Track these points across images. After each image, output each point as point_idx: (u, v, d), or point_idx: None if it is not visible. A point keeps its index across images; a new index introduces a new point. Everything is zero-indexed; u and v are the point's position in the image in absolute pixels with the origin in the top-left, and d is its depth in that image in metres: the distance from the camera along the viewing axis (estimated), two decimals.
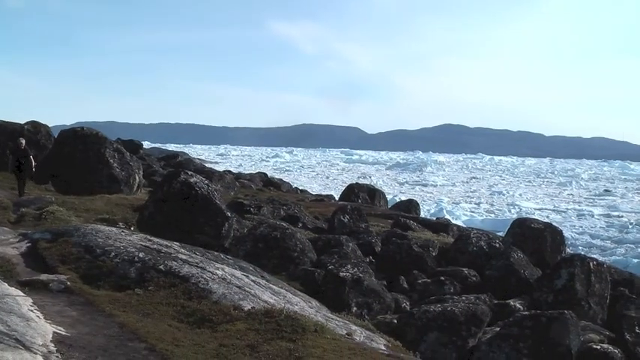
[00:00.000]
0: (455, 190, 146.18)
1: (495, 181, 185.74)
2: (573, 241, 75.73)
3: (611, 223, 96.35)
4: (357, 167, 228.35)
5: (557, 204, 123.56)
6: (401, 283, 19.44)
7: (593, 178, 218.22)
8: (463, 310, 15.34)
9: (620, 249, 74.64)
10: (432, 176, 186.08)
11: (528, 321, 14.76)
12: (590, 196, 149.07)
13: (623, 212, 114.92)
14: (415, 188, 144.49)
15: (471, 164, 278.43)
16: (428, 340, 14.92)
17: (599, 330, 16.46)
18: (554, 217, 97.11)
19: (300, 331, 10.61)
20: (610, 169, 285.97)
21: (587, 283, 18.16)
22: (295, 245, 19.37)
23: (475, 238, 22.03)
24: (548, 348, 14.23)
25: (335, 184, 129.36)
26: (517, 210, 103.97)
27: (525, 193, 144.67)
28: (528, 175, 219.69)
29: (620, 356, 14.43)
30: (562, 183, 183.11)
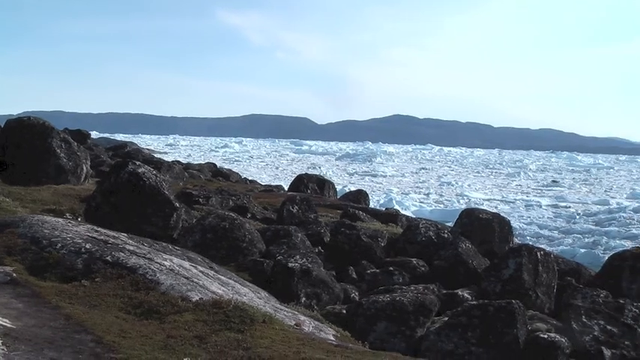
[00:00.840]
0: (404, 181, 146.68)
1: (444, 171, 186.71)
2: (521, 232, 76.42)
3: (559, 214, 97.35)
4: (307, 158, 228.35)
5: (505, 194, 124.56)
6: (350, 273, 19.47)
7: (541, 169, 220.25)
8: (412, 300, 15.42)
9: (568, 239, 75.47)
10: (382, 167, 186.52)
11: (476, 310, 14.87)
12: (538, 186, 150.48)
13: (571, 203, 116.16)
14: (365, 179, 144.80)
15: (421, 155, 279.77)
16: (377, 330, 14.97)
17: (546, 319, 16.61)
18: (502, 208, 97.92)
19: (249, 322, 10.60)
20: (558, 161, 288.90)
21: (535, 272, 18.33)
22: (244, 236, 19.31)
23: (424, 228, 22.12)
24: (495, 337, 14.35)
25: (284, 175, 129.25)
26: (466, 200, 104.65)
27: (474, 184, 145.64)
28: (477, 166, 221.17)
29: (566, 345, 14.57)
30: (510, 174, 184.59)
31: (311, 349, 9.85)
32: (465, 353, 14.23)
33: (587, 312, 15.89)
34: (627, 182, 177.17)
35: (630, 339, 15.48)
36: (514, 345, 14.27)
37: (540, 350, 14.28)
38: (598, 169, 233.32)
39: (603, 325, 15.64)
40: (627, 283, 19.93)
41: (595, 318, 15.77)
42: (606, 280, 20.35)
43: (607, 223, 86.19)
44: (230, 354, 9.14)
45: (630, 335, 15.58)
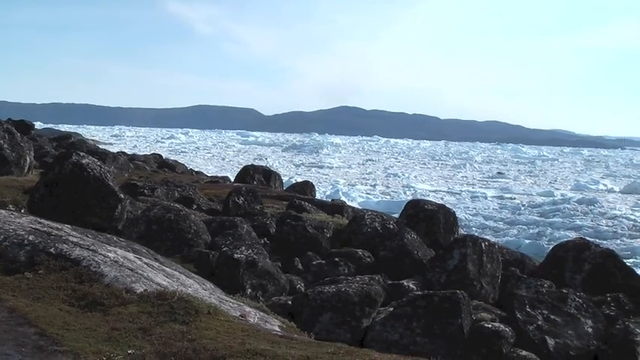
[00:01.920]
0: (351, 172, 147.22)
1: (391, 163, 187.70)
2: (467, 223, 77.11)
3: (504, 205, 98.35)
4: (253, 149, 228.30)
5: (451, 186, 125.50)
6: (295, 264, 19.48)
7: (486, 160, 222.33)
8: (357, 291, 15.45)
9: (513, 230, 76.30)
10: (328, 158, 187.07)
11: (421, 301, 14.95)
12: (483, 178, 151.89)
13: (516, 194, 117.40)
14: (311, 170, 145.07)
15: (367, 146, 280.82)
16: (322, 321, 14.99)
17: (490, 309, 16.75)
18: (448, 199, 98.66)
19: (194, 314, 10.58)
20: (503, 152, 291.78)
21: (479, 263, 18.47)
22: (189, 227, 19.21)
23: (369, 219, 22.17)
24: (440, 327, 14.45)
25: (231, 166, 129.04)
26: (412, 192, 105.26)
27: (420, 175, 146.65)
28: (423, 158, 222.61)
29: (510, 334, 14.71)
30: (456, 165, 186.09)
31: (256, 340, 9.85)
32: (410, 343, 14.30)
33: (531, 302, 16.05)
34: (571, 174, 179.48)
35: (573, 328, 15.66)
36: (459, 335, 14.38)
37: (484, 340, 14.41)
38: (543, 161, 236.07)
39: (547, 314, 15.81)
40: (570, 273, 20.16)
41: (539, 308, 15.93)
42: (550, 270, 20.56)
43: (551, 214, 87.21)
44: (175, 346, 9.09)
45: (573, 325, 15.76)
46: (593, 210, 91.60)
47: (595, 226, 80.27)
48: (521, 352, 14.40)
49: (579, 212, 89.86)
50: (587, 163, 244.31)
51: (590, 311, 16.33)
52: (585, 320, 16.00)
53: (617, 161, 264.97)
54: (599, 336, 15.71)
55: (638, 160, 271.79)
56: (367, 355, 9.21)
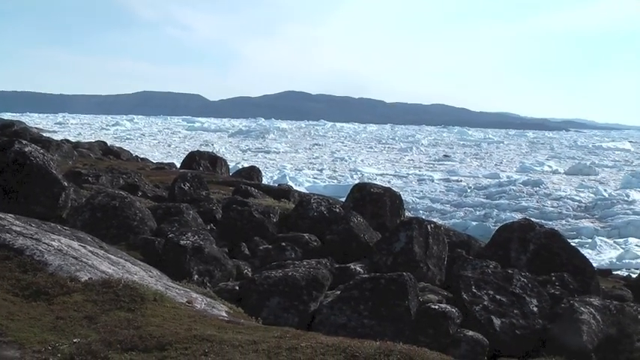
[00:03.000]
0: (297, 157, 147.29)
1: (337, 147, 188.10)
2: (414, 206, 77.59)
3: (451, 188, 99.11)
4: (200, 135, 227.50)
5: (398, 169, 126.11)
6: (242, 249, 19.44)
7: (432, 143, 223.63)
8: (304, 275, 15.46)
9: (460, 212, 76.98)
10: (275, 143, 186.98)
11: (368, 283, 15.00)
12: (430, 161, 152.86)
13: (462, 177, 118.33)
14: (258, 155, 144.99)
15: (314, 131, 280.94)
16: (270, 306, 14.97)
17: (437, 290, 16.83)
18: (395, 182, 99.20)
19: (139, 301, 10.52)
20: (449, 135, 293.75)
21: (425, 245, 18.56)
22: (135, 214, 19.08)
23: (315, 203, 22.17)
24: (387, 309, 14.51)
25: (177, 152, 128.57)
26: (359, 175, 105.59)
27: (367, 159, 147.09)
28: (370, 142, 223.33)
29: (457, 315, 14.81)
30: (403, 149, 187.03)
31: (202, 326, 9.82)
32: (358, 326, 14.34)
33: (477, 282, 16.17)
34: (517, 156, 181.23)
35: (519, 308, 15.80)
36: (406, 316, 14.45)
37: (431, 321, 14.49)
38: (488, 144, 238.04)
39: (492, 294, 15.94)
40: (516, 254, 20.36)
41: (484, 288, 16.06)
42: (495, 251, 20.75)
43: (497, 196, 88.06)
44: (120, 333, 9.04)
45: (519, 304, 15.91)
46: (538, 191, 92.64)
47: (540, 207, 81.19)
48: (468, 332, 14.50)
49: (525, 194, 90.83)
50: (532, 145, 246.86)
51: (535, 291, 16.49)
52: (530, 300, 16.15)
53: (562, 143, 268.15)
54: (544, 315, 15.88)
55: (582, 142, 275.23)
56: (314, 339, 9.21)
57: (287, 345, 8.85)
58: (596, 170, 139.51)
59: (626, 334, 15.78)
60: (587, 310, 15.56)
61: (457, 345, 14.17)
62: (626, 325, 15.95)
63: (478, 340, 14.27)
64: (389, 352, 8.48)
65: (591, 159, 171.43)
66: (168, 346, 8.69)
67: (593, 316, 15.45)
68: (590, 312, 15.52)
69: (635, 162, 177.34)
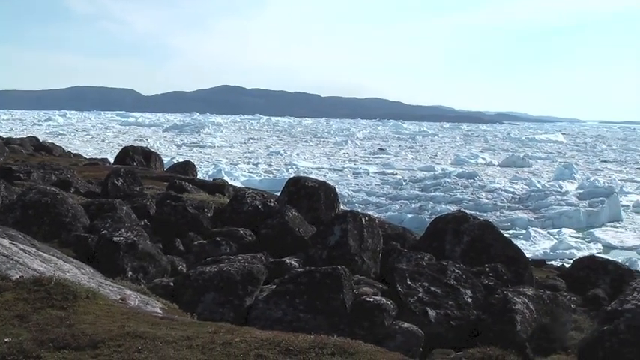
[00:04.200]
0: (233, 152, 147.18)
1: (273, 141, 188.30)
2: (350, 199, 77.92)
3: (386, 181, 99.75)
4: (134, 130, 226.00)
5: (333, 163, 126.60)
6: (177, 245, 19.34)
7: (368, 137, 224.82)
8: (239, 270, 15.41)
9: (395, 205, 77.47)
10: (210, 138, 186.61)
11: (303, 277, 14.99)
12: (365, 154, 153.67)
13: (397, 170, 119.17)
14: (193, 150, 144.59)
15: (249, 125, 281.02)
16: (205, 301, 14.91)
17: (372, 283, 16.87)
18: (331, 176, 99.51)
19: (72, 298, 10.38)
20: (384, 129, 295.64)
21: (360, 238, 18.59)
22: (67, 211, 18.88)
23: (250, 198, 22.11)
24: (323, 302, 14.52)
25: (111, 148, 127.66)
26: (295, 170, 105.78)
27: (302, 153, 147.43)
28: (305, 136, 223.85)
29: (392, 307, 14.86)
30: (338, 142, 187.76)
31: (136, 323, 9.73)
32: (294, 320, 14.33)
33: (412, 274, 16.25)
34: (451, 149, 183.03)
35: (454, 299, 15.91)
36: (341, 309, 14.47)
37: (367, 313, 14.53)
38: (423, 137, 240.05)
39: (427, 286, 16.02)
40: (450, 246, 20.49)
41: (419, 280, 16.14)
42: (430, 243, 20.86)
43: (432, 189, 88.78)
44: (53, 332, 8.92)
45: (453, 295, 16.02)
46: (473, 183, 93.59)
47: (475, 199, 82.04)
48: (404, 324, 14.56)
49: (460, 186, 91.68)
50: (467, 138, 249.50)
51: (469, 282, 16.61)
52: (465, 290, 16.27)
53: (496, 136, 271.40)
54: (478, 305, 16.01)
55: (515, 135, 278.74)
56: (248, 333, 9.19)
57: (221, 340, 8.81)
58: (530, 162, 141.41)
59: (559, 322, 15.98)
60: (521, 300, 15.71)
61: (393, 337, 14.23)
62: (559, 314, 16.15)
63: (413, 332, 14.34)
64: (323, 345, 8.49)
65: (525, 151, 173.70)
66: (101, 343, 8.60)
67: (526, 305, 15.60)
68: (523, 302, 15.66)
69: (568, 154, 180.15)
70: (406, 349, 13.71)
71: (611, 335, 13.31)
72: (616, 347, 13.13)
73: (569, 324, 16.44)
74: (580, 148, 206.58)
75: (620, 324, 13.36)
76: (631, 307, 13.64)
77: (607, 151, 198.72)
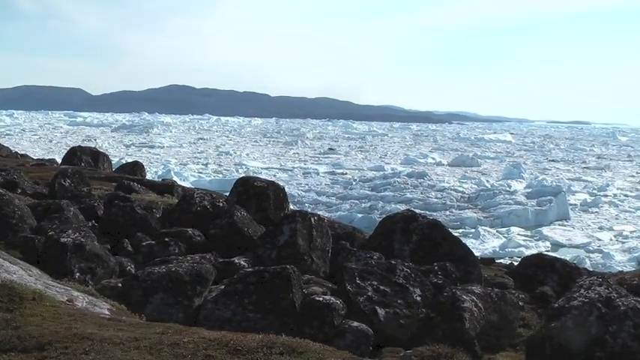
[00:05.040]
0: (182, 152, 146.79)
1: (222, 141, 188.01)
2: (300, 199, 78.04)
3: (336, 180, 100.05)
4: (82, 130, 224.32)
5: (283, 163, 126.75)
6: (125, 246, 19.20)
7: (318, 137, 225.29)
8: (188, 270, 15.35)
9: (345, 204, 77.75)
10: (159, 138, 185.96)
11: (252, 277, 14.97)
12: (315, 154, 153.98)
13: (347, 169, 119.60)
14: (142, 150, 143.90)
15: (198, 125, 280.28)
16: (154, 302, 14.82)
17: (322, 282, 16.90)
18: (281, 176, 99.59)
19: (18, 301, 10.30)
20: (334, 128, 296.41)
21: (309, 238, 18.60)
22: (13, 212, 18.67)
23: (199, 198, 22.03)
24: (272, 302, 14.50)
25: (59, 148, 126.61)
26: (244, 169, 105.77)
27: (252, 153, 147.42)
28: (255, 135, 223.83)
29: (341, 306, 14.88)
30: (288, 142, 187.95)
31: (83, 324, 9.67)
32: (243, 320, 14.30)
33: (361, 274, 16.28)
34: (401, 148, 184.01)
35: (402, 298, 15.97)
36: (290, 309, 14.47)
37: (316, 313, 14.53)
38: (373, 136, 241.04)
39: (376, 285, 16.06)
40: (399, 245, 20.56)
41: (368, 279, 16.17)
42: (379, 242, 20.91)
43: (382, 188, 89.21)
44: None
45: (402, 294, 16.08)
46: (422, 183, 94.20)
47: (425, 198, 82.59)
48: (353, 323, 14.58)
49: (409, 185, 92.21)
50: (416, 137, 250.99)
51: (418, 280, 16.69)
52: (414, 289, 16.34)
53: (445, 135, 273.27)
54: (427, 304, 16.08)
55: (465, 134, 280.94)
56: (196, 334, 9.17)
57: (169, 341, 8.79)
58: (479, 162, 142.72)
59: (507, 320, 16.14)
60: (469, 298, 15.81)
61: (342, 336, 14.24)
62: (508, 311, 16.30)
63: (363, 331, 14.37)
64: (271, 345, 8.51)
65: (474, 151, 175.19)
66: (48, 345, 8.54)
67: (475, 303, 15.70)
68: (472, 300, 15.76)
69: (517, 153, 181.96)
70: (356, 348, 13.75)
71: (558, 332, 13.47)
72: (563, 344, 13.28)
73: (517, 321, 16.62)
74: (528, 148, 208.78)
75: (567, 321, 13.52)
76: (577, 304, 13.80)
77: (555, 150, 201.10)
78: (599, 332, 13.22)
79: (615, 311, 13.55)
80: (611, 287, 14.52)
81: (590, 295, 14.12)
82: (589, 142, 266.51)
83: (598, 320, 13.38)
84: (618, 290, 14.57)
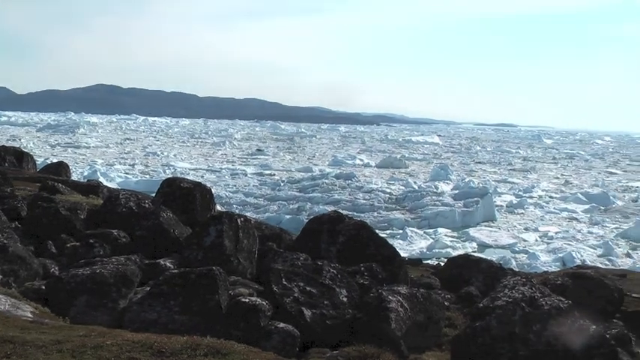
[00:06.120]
0: (109, 152, 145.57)
1: (150, 142, 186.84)
2: (228, 200, 77.90)
3: (264, 182, 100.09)
4: (6, 129, 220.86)
5: (211, 164, 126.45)
6: (49, 247, 18.93)
7: (246, 138, 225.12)
8: (113, 272, 15.21)
9: (273, 206, 77.80)
10: (85, 138, 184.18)
11: (178, 279, 14.89)
12: (243, 155, 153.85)
13: (275, 170, 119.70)
14: (68, 150, 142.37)
15: (125, 125, 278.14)
16: (78, 304, 14.65)
17: (248, 284, 16.87)
18: (208, 177, 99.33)
19: None
20: (262, 129, 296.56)
21: (236, 239, 18.54)
22: None
23: (124, 199, 21.81)
24: (198, 304, 14.44)
25: None
26: (172, 170, 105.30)
27: (180, 154, 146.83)
28: (183, 136, 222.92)
29: (268, 307, 14.87)
30: (216, 143, 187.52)
31: (4, 327, 9.54)
32: (169, 322, 14.21)
33: (287, 275, 16.28)
34: (329, 150, 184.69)
35: (329, 298, 16.02)
36: (216, 310, 14.42)
37: (243, 314, 14.51)
38: (301, 138, 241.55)
39: (303, 286, 16.08)
40: (326, 245, 20.61)
41: (295, 280, 16.19)
42: (306, 243, 20.94)
43: (310, 190, 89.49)
44: None
45: (329, 295, 16.12)
46: (350, 184, 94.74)
47: (353, 199, 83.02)
48: (279, 324, 14.59)
49: (337, 187, 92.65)
50: (344, 139, 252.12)
51: (344, 281, 16.75)
52: (340, 290, 16.39)
53: (373, 137, 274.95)
54: (354, 304, 16.16)
55: (392, 136, 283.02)
56: (120, 336, 9.10)
57: (92, 343, 8.71)
58: (406, 163, 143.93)
59: (433, 320, 16.30)
60: (395, 298, 15.92)
61: (269, 337, 14.24)
62: (433, 311, 16.46)
63: (289, 332, 14.39)
64: (196, 347, 8.48)
65: (401, 152, 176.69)
66: None
67: (401, 304, 15.82)
68: (398, 300, 15.88)
69: (444, 155, 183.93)
70: (282, 349, 13.76)
71: (483, 331, 13.65)
72: (488, 342, 13.47)
73: (442, 321, 16.81)
74: (455, 150, 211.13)
75: (492, 320, 13.71)
76: (502, 304, 14.01)
77: (481, 152, 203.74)
78: (522, 331, 13.42)
79: (539, 310, 13.77)
80: (534, 287, 14.78)
81: (515, 295, 14.35)
82: (515, 144, 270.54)
83: (522, 319, 13.58)
84: (542, 290, 14.83)
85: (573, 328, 13.59)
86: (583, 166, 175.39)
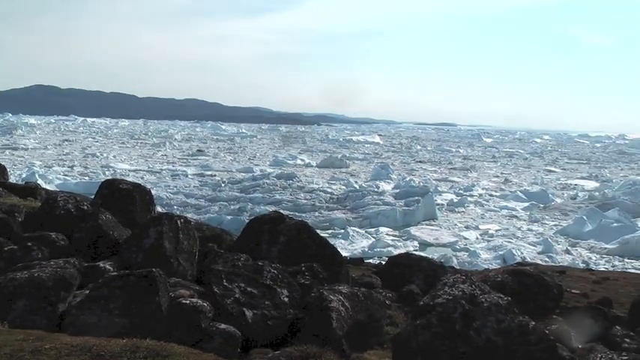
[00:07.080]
0: (47, 154, 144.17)
1: (89, 143, 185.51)
2: (169, 201, 77.61)
3: (205, 182, 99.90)
4: None
5: (151, 165, 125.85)
6: None
7: (186, 138, 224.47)
8: (51, 275, 15.04)
9: (214, 206, 77.68)
10: (23, 139, 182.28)
11: (118, 281, 14.76)
12: (183, 156, 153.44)
13: (216, 171, 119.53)
14: (5, 152, 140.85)
15: (64, 126, 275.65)
16: (16, 309, 14.46)
17: (189, 285, 16.79)
18: (149, 178, 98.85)
19: None
20: (203, 130, 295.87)
21: (176, 240, 18.45)
22: None
23: (62, 201, 21.58)
24: (138, 306, 14.33)
25: None
26: (112, 172, 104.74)
27: (120, 155, 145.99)
28: (122, 137, 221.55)
29: (209, 309, 14.82)
30: (156, 144, 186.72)
31: None
32: (109, 325, 14.08)
33: (228, 276, 16.26)
34: (270, 150, 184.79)
35: (270, 299, 16.02)
36: (157, 312, 14.32)
37: (183, 316, 14.44)
38: (242, 138, 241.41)
39: (244, 287, 16.06)
40: (267, 246, 20.63)
41: (235, 281, 16.16)
42: (247, 243, 20.93)
43: (252, 190, 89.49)
44: None
45: (270, 295, 16.12)
46: (291, 184, 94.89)
47: (294, 199, 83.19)
48: (221, 325, 14.55)
49: (278, 187, 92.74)
50: (285, 139, 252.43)
51: (285, 281, 16.77)
52: (281, 290, 16.40)
53: (314, 137, 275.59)
54: (295, 304, 16.17)
55: (333, 136, 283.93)
56: (58, 340, 9.02)
57: (30, 347, 8.62)
58: (347, 163, 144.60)
59: (374, 319, 16.40)
60: (336, 297, 15.98)
61: (210, 339, 14.19)
62: (375, 310, 16.56)
63: (230, 333, 14.35)
64: (135, 349, 8.43)
65: (342, 152, 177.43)
66: None
67: (342, 303, 15.88)
68: (339, 300, 15.93)
69: (385, 154, 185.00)
70: (223, 349, 13.73)
71: (424, 329, 13.72)
72: (429, 340, 13.54)
73: (384, 320, 16.91)
74: (396, 149, 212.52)
75: (432, 318, 13.79)
76: (442, 302, 14.09)
77: (422, 151, 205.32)
78: (463, 328, 13.53)
79: (479, 307, 13.89)
80: (474, 284, 14.88)
81: (455, 293, 14.44)
82: (455, 143, 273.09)
83: (462, 317, 13.69)
84: (481, 287, 14.94)
85: (513, 324, 13.73)
86: (522, 164, 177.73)
